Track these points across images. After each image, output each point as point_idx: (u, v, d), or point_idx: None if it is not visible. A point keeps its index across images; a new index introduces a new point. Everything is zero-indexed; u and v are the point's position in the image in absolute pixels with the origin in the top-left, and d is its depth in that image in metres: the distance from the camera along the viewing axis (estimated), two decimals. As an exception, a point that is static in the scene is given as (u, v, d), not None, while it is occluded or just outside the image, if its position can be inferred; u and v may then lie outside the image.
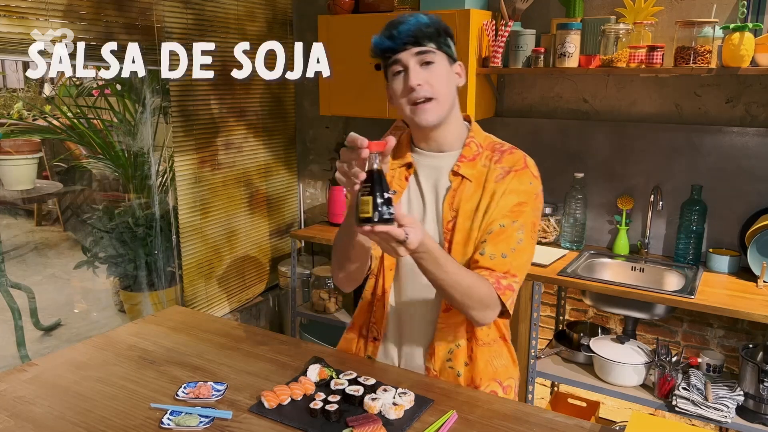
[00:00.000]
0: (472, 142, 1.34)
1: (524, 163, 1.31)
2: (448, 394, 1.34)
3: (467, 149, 1.34)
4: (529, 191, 1.30)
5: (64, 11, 2.31)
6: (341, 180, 1.09)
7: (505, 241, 1.27)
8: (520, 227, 1.28)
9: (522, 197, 1.29)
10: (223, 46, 2.93)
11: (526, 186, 1.29)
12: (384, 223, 1.04)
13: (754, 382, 2.06)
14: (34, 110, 3.95)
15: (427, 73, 1.25)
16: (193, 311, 1.92)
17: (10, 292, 2.89)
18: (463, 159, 1.33)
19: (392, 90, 1.30)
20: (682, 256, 2.47)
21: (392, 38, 1.24)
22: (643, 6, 2.41)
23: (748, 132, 2.39)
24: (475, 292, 1.23)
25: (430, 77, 1.25)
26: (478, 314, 1.26)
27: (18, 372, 1.44)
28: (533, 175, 1.31)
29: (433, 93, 1.25)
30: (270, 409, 1.26)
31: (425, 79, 1.24)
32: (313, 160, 3.53)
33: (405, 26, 1.23)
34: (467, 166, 1.32)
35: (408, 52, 1.24)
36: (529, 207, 1.29)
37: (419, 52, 1.24)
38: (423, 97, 1.25)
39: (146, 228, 3.02)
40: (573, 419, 1.27)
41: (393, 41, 1.24)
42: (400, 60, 1.25)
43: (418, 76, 1.24)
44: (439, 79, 1.25)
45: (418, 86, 1.24)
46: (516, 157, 1.32)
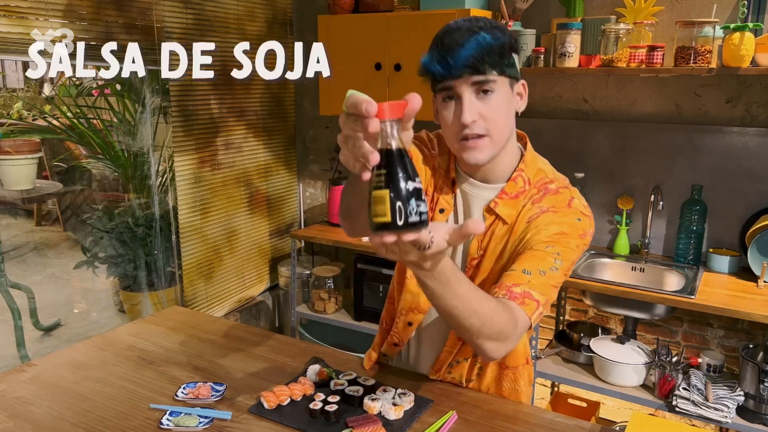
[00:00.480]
0: (519, 177, 1.18)
1: (568, 204, 1.15)
2: (448, 395, 1.33)
3: (512, 185, 1.17)
4: (573, 224, 1.13)
5: (64, 11, 2.31)
6: (347, 161, 0.78)
7: (535, 261, 1.09)
8: (557, 256, 1.09)
9: (565, 228, 1.12)
10: (223, 46, 2.93)
11: (570, 219, 1.13)
12: (411, 228, 0.70)
13: (755, 383, 2.06)
14: (34, 110, 3.95)
15: (484, 104, 1.07)
16: (192, 311, 1.92)
17: (10, 292, 2.89)
18: (504, 196, 1.17)
19: (440, 116, 1.12)
20: (682, 256, 2.47)
21: (447, 66, 1.04)
22: (644, 6, 2.41)
23: (748, 132, 2.38)
24: (488, 320, 0.99)
25: (487, 110, 1.07)
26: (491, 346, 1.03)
27: (17, 372, 1.43)
28: (581, 213, 1.15)
29: (487, 129, 1.08)
30: (269, 410, 1.26)
31: (481, 113, 1.07)
32: (313, 160, 3.53)
33: (464, 51, 1.03)
34: (506, 205, 1.17)
35: (463, 81, 1.05)
36: (572, 240, 1.12)
37: (478, 81, 1.06)
38: (475, 134, 1.08)
39: (146, 228, 3.02)
40: (573, 419, 1.27)
41: (447, 69, 1.04)
42: (453, 88, 1.07)
43: (472, 110, 1.06)
44: (496, 113, 1.08)
45: (472, 123, 1.07)
46: (560, 198, 1.16)
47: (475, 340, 1.02)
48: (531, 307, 1.06)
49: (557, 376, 2.41)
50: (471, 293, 0.97)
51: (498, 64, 1.06)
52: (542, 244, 1.11)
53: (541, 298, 1.08)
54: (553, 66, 2.51)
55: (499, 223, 1.18)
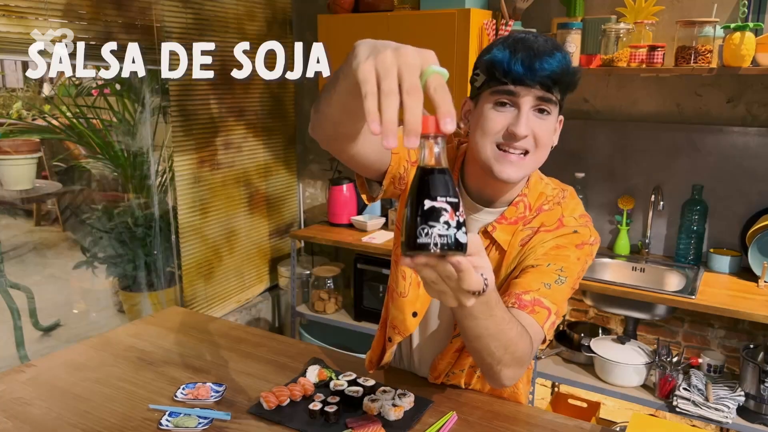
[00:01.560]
0: (521, 202, 1.14)
1: (559, 221, 1.12)
2: (448, 395, 1.33)
3: (512, 210, 1.13)
4: (569, 237, 1.09)
5: (64, 11, 2.31)
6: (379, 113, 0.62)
7: (540, 276, 1.07)
8: (561, 272, 1.06)
9: (560, 241, 1.09)
10: (222, 45, 2.93)
11: (565, 232, 1.10)
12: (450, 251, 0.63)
13: (755, 383, 2.06)
14: (34, 110, 3.94)
15: (538, 122, 1.03)
16: (192, 312, 1.91)
17: (9, 292, 2.88)
18: (503, 221, 1.13)
19: (485, 115, 1.04)
20: (682, 256, 2.47)
21: (532, 71, 0.98)
22: (644, 5, 2.40)
23: (749, 132, 2.38)
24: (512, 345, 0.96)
25: (539, 130, 1.03)
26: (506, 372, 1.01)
27: (16, 373, 1.43)
28: (577, 225, 1.12)
29: (533, 148, 1.04)
30: (269, 411, 1.25)
31: (533, 130, 1.03)
32: (313, 160, 3.52)
33: (552, 62, 0.99)
34: (503, 231, 1.13)
35: (530, 92, 1.00)
36: (571, 252, 1.08)
37: (544, 98, 1.01)
38: (522, 149, 1.03)
39: (145, 228, 3.02)
40: (573, 420, 1.27)
41: (530, 74, 0.98)
42: (518, 96, 1.01)
43: (528, 125, 1.01)
44: (546, 135, 1.05)
45: (524, 137, 1.02)
46: (551, 215, 1.13)
47: (494, 366, 0.98)
48: (542, 315, 1.03)
49: (557, 377, 2.40)
50: (505, 314, 0.93)
51: (567, 89, 1.04)
52: (543, 261, 1.08)
53: (552, 306, 1.05)
54: (553, 66, 2.50)
55: (493, 247, 1.15)
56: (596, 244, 1.13)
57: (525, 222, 1.14)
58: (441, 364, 1.32)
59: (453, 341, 1.27)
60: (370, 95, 0.62)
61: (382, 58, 0.63)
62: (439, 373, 1.33)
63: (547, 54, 0.99)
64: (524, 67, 0.98)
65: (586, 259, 1.11)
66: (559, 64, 0.99)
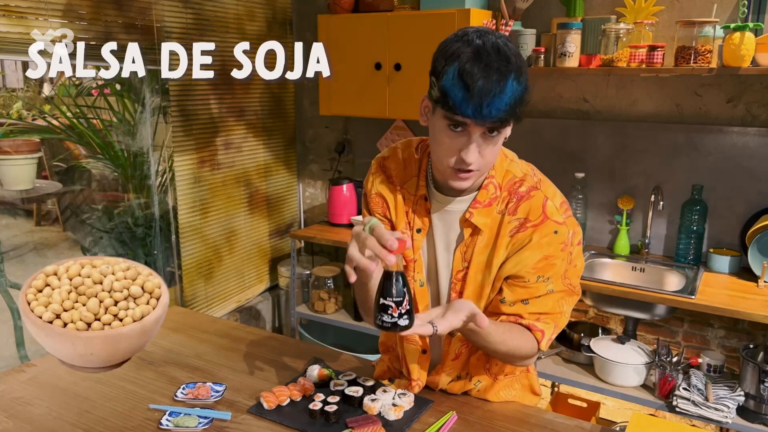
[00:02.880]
0: (490, 184, 1.18)
1: (542, 213, 1.15)
2: (448, 396, 1.33)
3: (483, 193, 1.18)
4: (553, 242, 1.15)
5: (64, 11, 2.31)
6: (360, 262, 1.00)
7: (528, 292, 1.18)
8: (546, 282, 1.16)
9: (546, 250, 1.15)
10: (222, 45, 2.93)
11: (549, 238, 1.15)
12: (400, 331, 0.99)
13: (755, 383, 2.06)
14: (34, 110, 3.94)
15: (487, 145, 1.08)
16: (192, 312, 1.91)
17: (9, 292, 2.88)
18: (477, 205, 1.18)
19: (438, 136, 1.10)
20: (682, 256, 2.47)
21: (480, 115, 1.01)
22: (644, 5, 2.40)
23: (748, 132, 2.38)
24: (519, 352, 1.18)
25: (488, 150, 1.08)
26: (518, 363, 1.25)
27: (16, 372, 1.43)
28: (557, 223, 1.15)
29: (481, 166, 1.10)
30: (269, 410, 1.26)
31: (482, 153, 1.08)
32: (313, 160, 3.52)
33: (500, 102, 1.00)
34: (481, 214, 1.18)
35: (482, 126, 1.04)
36: (557, 260, 1.16)
37: (492, 128, 1.05)
38: (471, 169, 1.09)
39: (146, 228, 3.02)
40: (573, 420, 1.27)
41: (479, 115, 1.01)
42: (468, 126, 1.05)
43: (477, 152, 1.07)
44: (493, 153, 1.10)
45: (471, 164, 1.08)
46: (534, 203, 1.16)
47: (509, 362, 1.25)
48: (537, 337, 1.19)
49: (557, 376, 2.40)
50: (499, 337, 1.14)
51: (520, 115, 1.07)
52: (532, 276, 1.16)
53: (546, 328, 1.19)
54: (553, 66, 2.51)
55: (478, 231, 1.19)
56: (576, 236, 1.18)
57: (508, 211, 1.17)
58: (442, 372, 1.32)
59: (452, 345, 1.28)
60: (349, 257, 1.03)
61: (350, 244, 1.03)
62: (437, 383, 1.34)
63: (497, 94, 1.00)
64: (474, 111, 1.01)
65: (570, 252, 1.17)
66: (507, 104, 1.01)
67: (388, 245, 0.95)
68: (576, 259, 1.19)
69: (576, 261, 1.19)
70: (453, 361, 1.29)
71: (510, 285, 1.19)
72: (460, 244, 1.21)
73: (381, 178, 1.29)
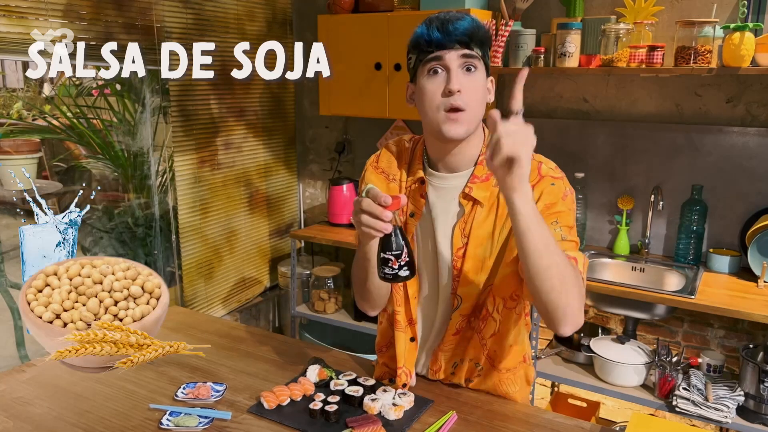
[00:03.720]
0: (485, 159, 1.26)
1: (537, 173, 1.18)
2: (448, 395, 1.33)
3: (480, 168, 1.22)
4: (552, 192, 1.17)
5: (64, 11, 2.31)
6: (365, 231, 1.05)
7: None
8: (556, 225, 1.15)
9: (547, 199, 1.16)
10: (222, 45, 2.93)
11: (548, 189, 1.17)
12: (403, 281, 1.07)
13: (755, 383, 2.06)
14: (34, 110, 3.94)
15: (467, 80, 1.14)
16: (192, 311, 1.92)
17: (9, 292, 2.89)
18: (476, 179, 1.22)
19: (423, 89, 1.16)
20: (682, 256, 2.47)
21: (446, 33, 1.13)
22: (644, 6, 2.41)
23: (748, 132, 2.38)
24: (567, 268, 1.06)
25: (469, 85, 1.14)
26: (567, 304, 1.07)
27: (17, 372, 1.43)
28: (553, 177, 1.18)
29: (467, 104, 1.13)
30: (269, 410, 1.26)
31: (464, 86, 1.13)
32: (313, 160, 3.53)
33: (463, 23, 1.13)
34: (479, 188, 1.21)
35: (455, 53, 1.13)
36: (561, 206, 1.17)
37: (466, 55, 1.14)
38: (458, 105, 1.13)
39: (146, 228, 3.02)
40: (573, 420, 1.27)
41: (446, 36, 1.13)
42: (443, 59, 1.13)
43: (459, 81, 1.13)
44: (476, 90, 1.15)
45: (458, 92, 1.12)
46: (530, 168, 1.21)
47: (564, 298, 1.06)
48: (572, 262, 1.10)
49: (557, 376, 2.41)
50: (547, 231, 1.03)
51: (484, 45, 1.17)
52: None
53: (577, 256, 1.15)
54: (553, 66, 2.51)
55: (478, 207, 1.22)
56: (573, 194, 1.22)
57: None
58: (441, 354, 1.32)
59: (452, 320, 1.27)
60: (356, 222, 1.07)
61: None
62: (439, 366, 1.34)
63: (458, 18, 1.14)
64: (440, 32, 1.14)
65: (571, 208, 1.20)
66: (469, 24, 1.14)
67: (382, 202, 1.01)
68: (574, 217, 1.20)
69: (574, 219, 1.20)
70: (454, 336, 1.28)
71: None
72: (459, 221, 1.23)
73: (373, 175, 1.34)
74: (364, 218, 1.03)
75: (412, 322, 1.31)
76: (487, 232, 1.21)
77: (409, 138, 1.35)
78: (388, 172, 1.32)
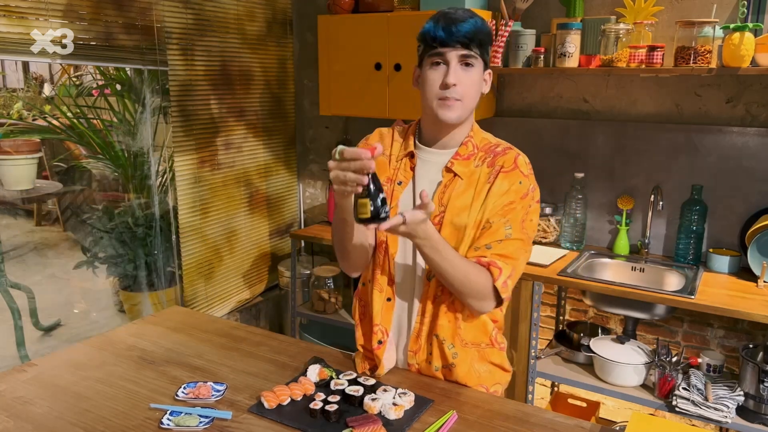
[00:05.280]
0: (469, 142, 1.38)
1: (514, 163, 1.35)
2: (448, 395, 1.34)
3: (463, 147, 1.38)
4: (517, 190, 1.33)
5: (64, 11, 2.31)
6: (341, 188, 1.14)
7: (492, 235, 1.32)
8: (506, 223, 1.32)
9: (510, 197, 1.33)
10: (222, 45, 2.94)
11: (515, 186, 1.33)
12: (382, 221, 1.14)
13: (755, 383, 2.06)
14: (34, 110, 3.94)
15: (465, 74, 1.29)
16: (192, 311, 1.92)
17: (10, 292, 2.89)
18: (458, 156, 1.37)
19: (425, 77, 1.32)
20: (682, 256, 2.47)
21: (450, 33, 1.26)
22: (644, 6, 2.41)
23: (748, 132, 2.38)
24: (472, 280, 1.28)
25: (466, 79, 1.29)
26: (475, 303, 1.32)
27: (17, 372, 1.43)
28: (523, 174, 1.34)
29: (463, 95, 1.30)
30: (270, 410, 1.26)
31: (460, 80, 1.29)
32: (313, 160, 3.53)
33: (465, 26, 1.26)
34: (461, 164, 1.36)
35: (455, 51, 1.28)
36: (518, 205, 1.33)
37: (465, 54, 1.28)
38: (454, 96, 1.29)
39: (146, 228, 3.02)
40: (573, 419, 1.27)
41: (449, 36, 1.27)
42: (444, 55, 1.28)
43: (456, 75, 1.28)
44: (472, 84, 1.31)
45: (453, 86, 1.28)
46: (507, 158, 1.36)
47: (463, 297, 1.31)
48: (495, 273, 1.30)
49: (557, 376, 2.41)
50: (456, 258, 1.27)
51: (483, 44, 1.30)
52: (496, 218, 1.32)
53: (505, 267, 1.30)
54: (553, 66, 2.51)
55: (457, 179, 1.35)
56: (536, 192, 1.37)
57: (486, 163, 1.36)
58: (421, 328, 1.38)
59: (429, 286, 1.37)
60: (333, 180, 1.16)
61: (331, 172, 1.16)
62: (419, 346, 1.39)
63: (462, 20, 1.27)
64: (445, 32, 1.27)
65: (529, 203, 1.35)
66: (471, 27, 1.27)
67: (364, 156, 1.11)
68: (533, 214, 1.36)
69: (533, 216, 1.36)
70: (432, 304, 1.37)
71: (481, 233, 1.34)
72: (437, 189, 1.37)
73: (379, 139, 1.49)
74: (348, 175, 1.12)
75: (391, 282, 1.41)
76: (464, 203, 1.34)
77: (401, 127, 1.50)
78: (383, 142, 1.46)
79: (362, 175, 1.11)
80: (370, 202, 1.12)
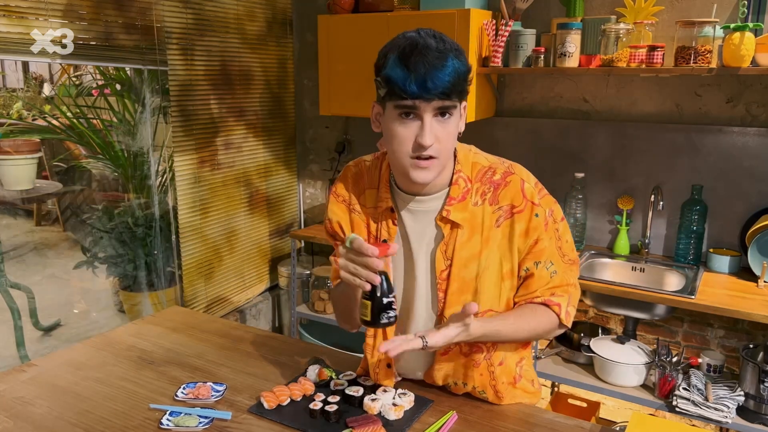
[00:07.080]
0: (459, 178, 1.19)
1: (522, 197, 1.17)
2: (448, 395, 1.33)
3: (455, 188, 1.19)
4: (536, 226, 1.18)
5: (64, 11, 2.31)
6: (349, 279, 1.06)
7: (538, 281, 1.22)
8: (545, 263, 1.21)
9: (533, 235, 1.18)
10: (222, 45, 2.94)
11: (533, 222, 1.18)
12: (383, 327, 1.09)
13: (755, 383, 2.06)
14: (34, 110, 3.94)
15: (440, 127, 1.09)
16: (192, 311, 1.92)
17: (10, 292, 2.89)
18: (452, 201, 1.18)
19: (393, 131, 1.10)
20: (682, 256, 2.47)
21: (425, 89, 1.04)
22: (644, 6, 2.41)
23: (748, 132, 2.38)
24: (538, 329, 1.22)
25: (443, 133, 1.09)
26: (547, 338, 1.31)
27: (17, 372, 1.43)
28: (534, 205, 1.18)
29: (439, 152, 1.10)
30: (269, 410, 1.26)
31: (437, 136, 1.08)
32: (313, 160, 3.53)
33: (443, 77, 1.04)
34: (457, 210, 1.18)
35: (430, 104, 1.06)
36: (544, 238, 1.19)
37: (442, 107, 1.07)
38: (429, 155, 1.09)
39: (146, 228, 3.02)
40: (573, 420, 1.27)
41: (424, 91, 1.04)
42: (418, 108, 1.07)
43: (433, 133, 1.08)
44: (449, 136, 1.11)
45: (429, 146, 1.08)
46: (511, 191, 1.18)
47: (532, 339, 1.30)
48: (555, 309, 1.22)
49: (557, 376, 2.41)
50: (515, 323, 1.19)
51: (464, 92, 1.10)
52: (530, 263, 1.21)
53: (561, 299, 1.22)
54: (553, 66, 2.51)
55: (456, 229, 1.19)
56: (556, 213, 1.22)
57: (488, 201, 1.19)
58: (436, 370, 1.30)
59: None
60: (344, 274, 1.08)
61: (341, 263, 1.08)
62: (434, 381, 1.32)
63: (439, 68, 1.04)
64: (419, 87, 1.04)
65: (554, 228, 1.21)
66: (450, 78, 1.05)
67: (369, 252, 1.02)
68: (564, 234, 1.23)
69: (565, 236, 1.24)
70: (443, 356, 1.27)
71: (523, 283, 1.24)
72: (439, 244, 1.20)
73: (335, 206, 1.31)
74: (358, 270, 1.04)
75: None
76: (471, 253, 1.19)
77: (370, 158, 1.31)
78: (349, 202, 1.29)
79: (374, 274, 1.03)
80: (371, 306, 1.05)
